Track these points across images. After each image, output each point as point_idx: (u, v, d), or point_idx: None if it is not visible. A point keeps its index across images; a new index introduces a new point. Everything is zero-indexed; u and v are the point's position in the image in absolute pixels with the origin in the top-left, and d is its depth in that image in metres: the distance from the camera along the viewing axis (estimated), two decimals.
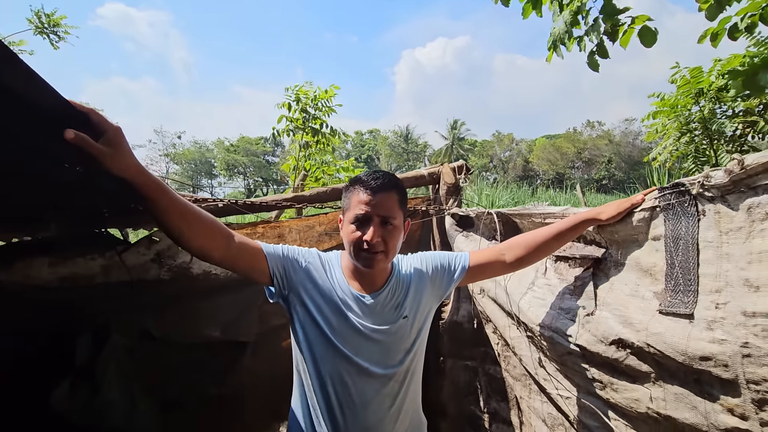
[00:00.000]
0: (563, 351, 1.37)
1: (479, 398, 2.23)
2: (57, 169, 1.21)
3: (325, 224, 2.44)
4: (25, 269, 1.97)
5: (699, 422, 0.98)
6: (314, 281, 1.22)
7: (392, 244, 1.17)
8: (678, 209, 1.06)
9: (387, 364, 1.21)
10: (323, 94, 4.26)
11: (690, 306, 0.98)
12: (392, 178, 1.20)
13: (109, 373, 1.85)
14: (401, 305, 1.25)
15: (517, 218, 1.78)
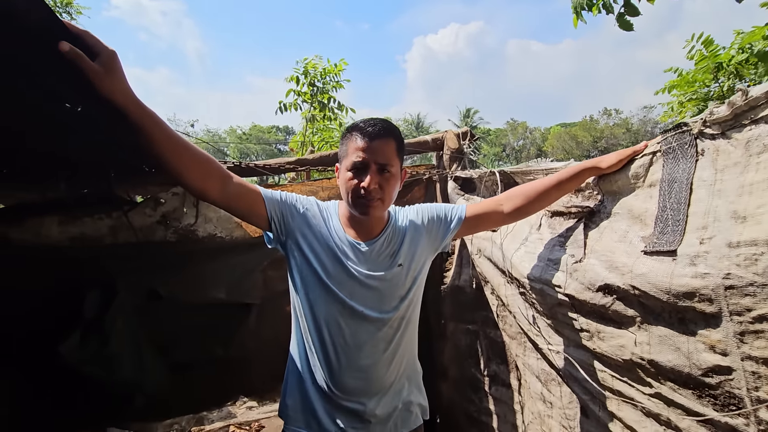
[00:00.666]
0: (553, 303, 1.37)
1: (480, 361, 2.25)
2: (60, 113, 1.23)
3: (328, 189, 2.45)
4: (36, 227, 2.04)
5: (681, 363, 0.98)
6: (311, 227, 1.23)
7: (389, 191, 1.17)
8: (678, 152, 1.03)
9: (381, 309, 1.23)
10: (332, 68, 4.24)
11: (675, 244, 0.97)
12: (390, 125, 1.19)
13: (117, 328, 1.92)
14: (396, 253, 1.26)
15: (519, 177, 1.77)
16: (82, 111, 1.22)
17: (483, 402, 2.23)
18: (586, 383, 1.33)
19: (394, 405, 1.28)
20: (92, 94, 0.98)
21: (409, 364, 1.35)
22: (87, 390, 2.00)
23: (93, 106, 1.21)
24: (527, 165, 1.74)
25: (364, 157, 1.13)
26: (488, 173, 1.99)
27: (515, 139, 38.30)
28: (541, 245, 1.41)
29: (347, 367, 1.20)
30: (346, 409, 1.21)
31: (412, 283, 1.28)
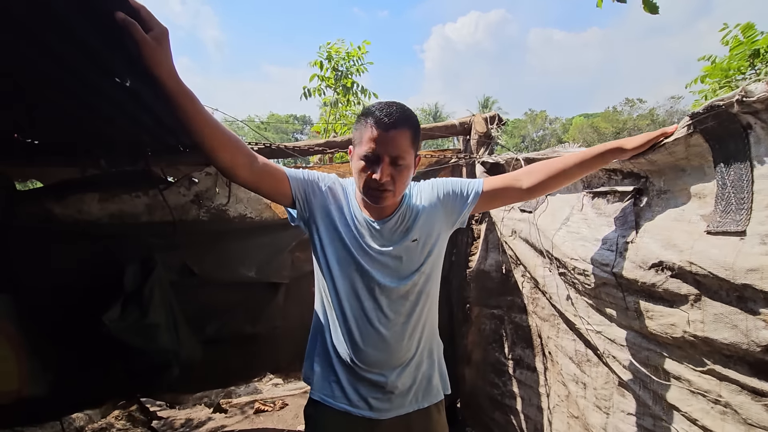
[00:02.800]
0: (598, 282, 1.36)
1: (504, 345, 2.26)
2: (108, 87, 1.27)
3: None
4: (78, 204, 2.11)
5: (739, 341, 0.97)
6: (332, 204, 1.26)
7: (401, 182, 1.16)
8: (719, 130, 1.00)
9: (398, 283, 1.24)
10: (355, 51, 4.22)
11: (742, 223, 0.95)
12: (406, 112, 1.15)
13: (155, 301, 1.98)
14: (410, 229, 1.26)
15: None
16: (130, 86, 1.26)
17: (507, 386, 2.25)
18: (627, 362, 1.33)
19: (414, 377, 1.29)
20: (140, 70, 1.01)
21: (429, 338, 1.35)
22: (124, 360, 2.09)
23: (140, 82, 1.25)
24: (553, 150, 1.72)
25: (377, 149, 1.11)
26: (514, 159, 1.97)
27: (534, 130, 37.59)
28: (586, 225, 1.40)
29: (368, 340, 1.23)
30: (368, 381, 1.24)
31: (426, 256, 1.28)
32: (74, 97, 1.37)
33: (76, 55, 1.07)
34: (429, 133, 2.47)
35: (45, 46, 1.02)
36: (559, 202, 1.61)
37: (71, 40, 1.00)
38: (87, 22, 0.94)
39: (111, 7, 0.88)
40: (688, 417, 1.13)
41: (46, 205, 2.07)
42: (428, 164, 2.57)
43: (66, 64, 1.12)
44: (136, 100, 1.38)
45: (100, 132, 1.80)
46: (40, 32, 0.96)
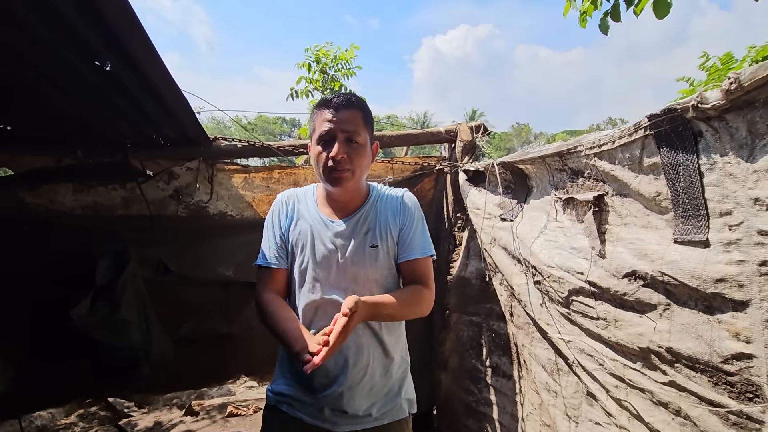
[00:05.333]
0: (572, 290, 1.38)
1: (481, 353, 2.27)
2: (88, 70, 1.24)
3: None
4: (51, 194, 2.05)
5: (701, 351, 0.99)
6: (288, 223, 1.27)
7: (358, 162, 1.16)
8: (672, 135, 1.01)
9: (353, 291, 1.19)
10: (343, 54, 4.23)
11: (704, 231, 0.98)
12: (355, 97, 1.20)
13: (127, 296, 1.93)
14: (372, 233, 1.23)
15: (520, 165, 1.76)
16: (111, 69, 1.23)
17: (482, 393, 2.26)
18: (595, 372, 1.35)
19: (373, 394, 1.24)
20: (122, 51, 0.99)
21: (391, 353, 1.28)
22: (92, 357, 2.02)
23: (121, 65, 1.22)
24: (525, 152, 1.73)
25: (331, 128, 1.13)
26: (491, 164, 2.00)
27: (520, 144, 38.32)
28: (563, 233, 1.42)
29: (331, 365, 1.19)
30: (323, 392, 1.20)
31: (387, 268, 1.24)
32: (52, 80, 1.34)
33: (55, 32, 1.04)
34: (415, 139, 2.49)
35: (23, 22, 0.99)
36: (535, 210, 1.63)
37: (48, 11, 0.97)
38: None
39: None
40: (651, 428, 1.15)
41: (17, 193, 2.01)
42: (413, 170, 2.58)
43: (44, 43, 1.09)
44: (116, 85, 1.35)
45: (78, 120, 1.76)
46: (18, 6, 0.92)
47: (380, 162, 2.57)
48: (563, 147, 1.37)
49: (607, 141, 1.20)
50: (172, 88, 1.35)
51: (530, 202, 1.71)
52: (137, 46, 1.06)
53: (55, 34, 1.03)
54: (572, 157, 1.36)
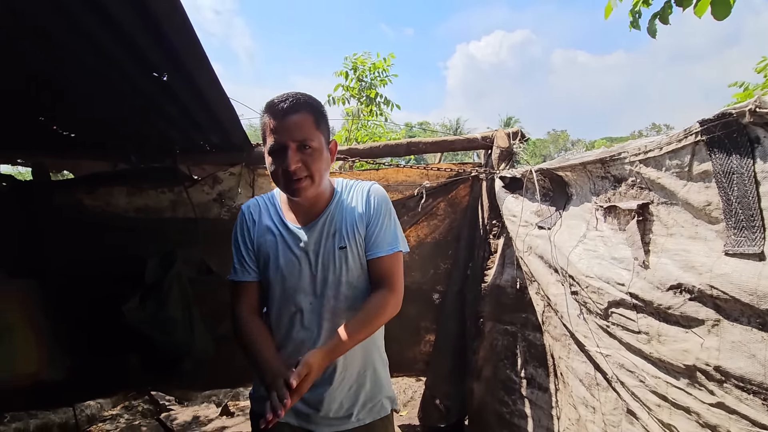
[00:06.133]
0: (612, 302, 1.34)
1: (516, 363, 2.22)
2: (146, 81, 1.33)
3: (376, 180, 2.50)
4: (106, 196, 2.20)
5: (754, 371, 0.94)
6: (254, 234, 1.24)
7: (315, 167, 1.11)
8: (726, 141, 0.96)
9: (327, 296, 1.19)
10: (380, 63, 4.31)
11: (758, 243, 0.93)
12: (302, 97, 1.11)
13: (173, 295, 2.04)
14: (339, 234, 1.20)
15: (560, 171, 1.73)
16: (167, 80, 1.32)
17: (517, 404, 2.20)
18: (635, 389, 1.30)
19: (354, 394, 1.23)
20: (179, 64, 1.06)
21: (369, 352, 1.27)
22: (139, 351, 2.14)
23: (177, 77, 1.31)
24: (565, 159, 1.70)
25: (279, 138, 1.08)
26: (528, 171, 1.97)
27: (556, 151, 37.25)
28: (603, 243, 1.38)
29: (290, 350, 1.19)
30: (307, 399, 1.18)
31: (358, 268, 1.22)
32: (114, 91, 1.45)
33: (121, 47, 1.13)
34: (450, 145, 2.49)
35: (94, 39, 1.08)
36: (574, 219, 1.60)
37: (113, 26, 1.05)
38: (133, 9, 0.98)
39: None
40: None
41: (77, 195, 2.17)
42: (448, 176, 2.58)
43: (109, 57, 1.18)
44: (170, 95, 1.44)
45: (134, 127, 1.89)
46: (84, 19, 1.00)
47: (415, 168, 2.59)
48: (606, 154, 1.34)
49: (654, 147, 1.16)
50: (221, 97, 1.43)
51: (569, 209, 1.67)
52: (193, 58, 1.14)
53: (121, 48, 1.12)
54: (615, 164, 1.32)
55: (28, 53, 1.15)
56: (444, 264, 2.75)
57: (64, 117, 1.78)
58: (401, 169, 2.55)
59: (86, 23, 1.01)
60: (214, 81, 1.31)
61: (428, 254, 2.72)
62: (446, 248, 2.73)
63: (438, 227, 2.70)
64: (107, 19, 0.98)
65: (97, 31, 1.04)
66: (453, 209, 2.70)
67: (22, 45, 1.10)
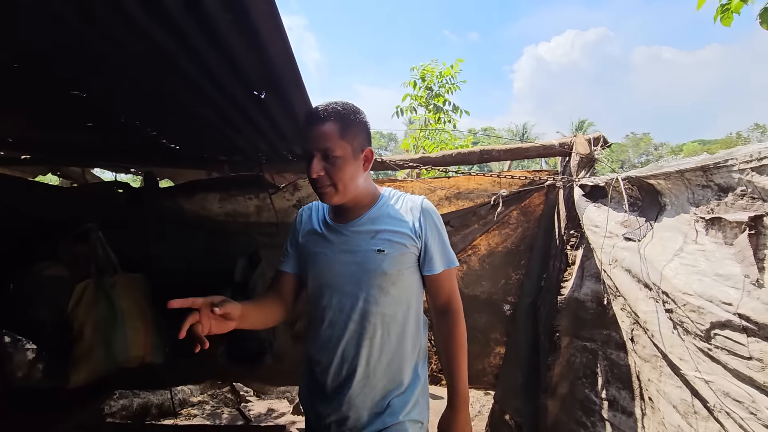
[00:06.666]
0: (715, 323, 1.22)
1: (596, 382, 2.09)
2: (246, 99, 1.47)
3: (446, 188, 2.51)
4: (202, 201, 2.44)
5: None
6: (302, 232, 1.33)
7: (338, 176, 1.13)
8: None
9: (358, 296, 1.19)
10: (448, 70, 4.32)
11: None
12: (332, 106, 1.14)
13: (258, 292, 2.21)
14: (378, 237, 1.20)
15: (652, 180, 1.61)
16: (264, 98, 1.45)
17: (597, 427, 2.07)
18: (746, 422, 1.17)
19: (375, 412, 1.20)
20: (277, 82, 1.17)
21: (394, 369, 1.23)
22: (227, 345, 2.33)
23: (273, 95, 1.44)
24: (658, 166, 1.57)
25: (308, 146, 1.14)
26: (614, 179, 1.85)
27: (636, 155, 34.33)
28: (704, 258, 1.27)
29: (326, 361, 1.23)
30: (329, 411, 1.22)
31: (394, 275, 1.19)
32: (215, 108, 1.62)
33: (226, 67, 1.26)
34: (525, 153, 2.43)
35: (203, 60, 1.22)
36: (668, 230, 1.48)
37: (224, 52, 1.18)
38: (243, 36, 1.10)
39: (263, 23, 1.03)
40: None
41: (178, 200, 2.43)
42: (522, 185, 2.52)
43: (216, 76, 1.33)
44: (264, 110, 1.58)
45: (229, 140, 2.08)
46: (199, 44, 1.13)
47: (487, 176, 2.56)
48: (709, 161, 1.24)
49: None
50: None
51: (662, 220, 1.56)
52: (290, 79, 1.24)
53: (229, 71, 1.26)
54: (720, 172, 1.22)
55: (153, 78, 1.33)
56: (516, 274, 2.67)
57: (172, 132, 2.01)
58: (472, 177, 2.53)
59: (202, 49, 1.15)
60: (305, 98, 1.42)
61: (499, 264, 2.66)
62: (518, 258, 2.65)
63: (510, 236, 2.63)
64: (220, 45, 1.11)
65: (210, 56, 1.18)
66: (526, 218, 2.62)
67: (148, 70, 1.27)
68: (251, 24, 0.99)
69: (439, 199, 2.58)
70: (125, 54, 1.14)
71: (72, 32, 1.03)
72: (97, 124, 1.78)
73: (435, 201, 2.57)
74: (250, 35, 1.04)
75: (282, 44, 1.06)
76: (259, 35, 1.03)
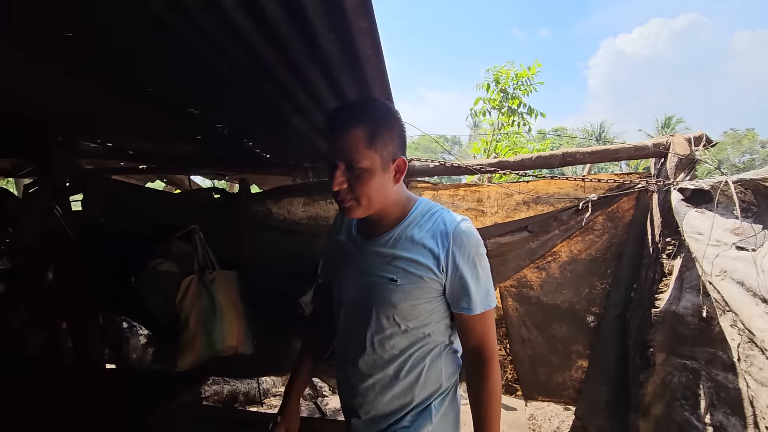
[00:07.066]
0: None
1: (698, 405, 1.91)
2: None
3: (524, 193, 2.45)
4: (288, 206, 2.62)
5: None
6: (331, 242, 1.29)
7: (363, 190, 0.99)
8: None
9: (360, 323, 1.11)
10: (524, 71, 4.19)
11: None
12: (358, 107, 1.01)
13: None
14: (395, 264, 1.05)
15: None
16: None
17: None
18: None
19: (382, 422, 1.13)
20: (367, 93, 1.24)
21: (399, 405, 1.12)
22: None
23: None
24: None
25: (330, 156, 1.02)
26: (721, 182, 1.68)
27: (737, 154, 30.41)
28: None
29: (343, 384, 1.21)
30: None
31: (407, 309, 1.06)
32: (307, 119, 1.74)
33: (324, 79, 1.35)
34: (614, 155, 2.29)
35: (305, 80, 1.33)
36: None
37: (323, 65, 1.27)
38: (338, 49, 1.18)
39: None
40: None
41: (267, 204, 2.63)
42: (608, 188, 2.37)
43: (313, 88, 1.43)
44: None
45: (315, 148, 2.22)
46: (303, 62, 1.24)
47: (569, 179, 2.45)
48: None
49: None
50: None
51: None
52: (381, 91, 1.31)
53: (326, 83, 1.36)
54: None
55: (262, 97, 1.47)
56: (601, 284, 2.52)
57: (265, 141, 2.19)
58: (553, 181, 2.44)
59: (306, 67, 1.26)
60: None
61: (582, 272, 2.52)
62: (604, 266, 2.49)
63: (595, 243, 2.49)
64: (323, 61, 1.21)
65: (312, 71, 1.28)
66: (613, 224, 2.46)
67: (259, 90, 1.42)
68: (352, 41, 1.07)
69: (517, 203, 2.52)
70: (242, 79, 1.29)
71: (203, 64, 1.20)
72: (205, 137, 1.99)
73: (512, 206, 2.52)
74: (349, 51, 1.12)
75: (377, 60, 1.12)
76: (358, 51, 1.11)
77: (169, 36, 1.04)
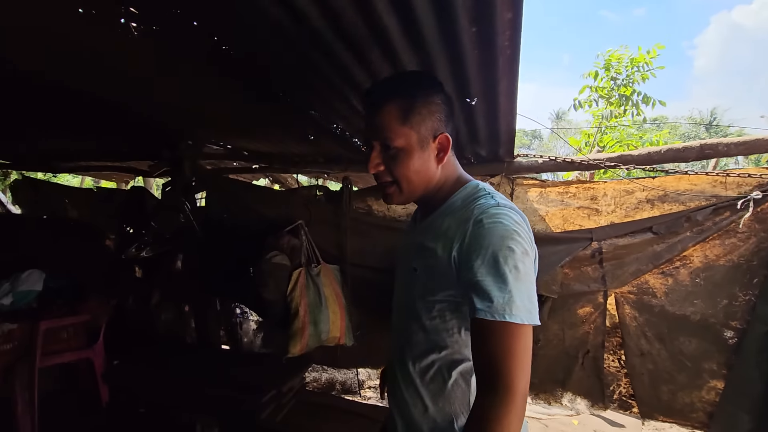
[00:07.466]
0: None
1: None
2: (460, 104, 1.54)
3: (649, 189, 2.20)
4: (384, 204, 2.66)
5: None
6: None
7: (400, 172, 0.90)
8: None
9: (400, 326, 1.02)
10: (641, 56, 3.75)
11: None
12: (390, 82, 0.96)
13: None
14: (421, 250, 0.94)
15: None
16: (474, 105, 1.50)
17: None
18: None
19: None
20: (492, 92, 1.18)
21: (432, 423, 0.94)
22: None
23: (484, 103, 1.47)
24: None
25: (366, 136, 0.96)
26: None
27: None
28: None
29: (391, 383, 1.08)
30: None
31: (427, 307, 0.91)
32: None
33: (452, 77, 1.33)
34: (766, 146, 1.96)
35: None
36: None
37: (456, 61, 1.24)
38: (473, 46, 1.15)
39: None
40: None
41: (368, 201, 2.69)
42: (756, 183, 2.04)
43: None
44: (469, 115, 1.63)
45: None
46: (437, 56, 1.22)
47: (704, 175, 2.15)
48: None
49: None
50: (514, 115, 1.52)
51: None
52: (507, 86, 1.25)
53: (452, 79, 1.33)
54: None
55: None
56: (744, 295, 2.18)
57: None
58: (686, 176, 2.16)
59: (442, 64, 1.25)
60: (513, 102, 1.41)
61: (720, 280, 2.21)
62: (749, 275, 2.16)
63: (737, 248, 2.16)
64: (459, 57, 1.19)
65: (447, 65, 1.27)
66: (762, 226, 2.12)
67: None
68: (492, 34, 1.03)
69: (639, 201, 2.28)
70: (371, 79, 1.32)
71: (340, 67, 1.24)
72: (318, 137, 2.09)
73: (633, 204, 2.29)
74: (487, 45, 1.08)
75: (512, 52, 1.07)
76: (495, 45, 1.06)
77: (311, 37, 1.09)
